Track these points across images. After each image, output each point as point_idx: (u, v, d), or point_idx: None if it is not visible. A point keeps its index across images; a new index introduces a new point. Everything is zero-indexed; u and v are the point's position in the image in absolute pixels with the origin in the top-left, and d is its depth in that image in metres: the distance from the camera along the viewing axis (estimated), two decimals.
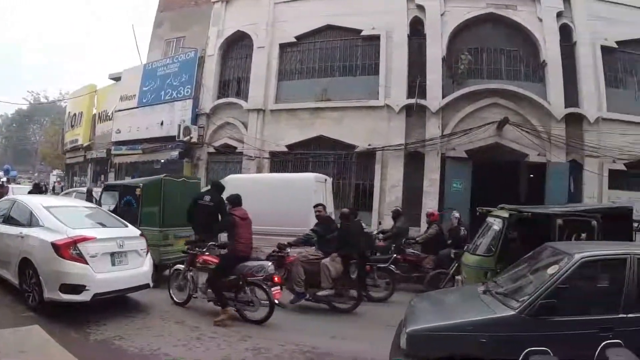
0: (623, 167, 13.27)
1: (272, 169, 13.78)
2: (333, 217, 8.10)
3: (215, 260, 6.44)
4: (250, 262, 6.27)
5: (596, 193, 12.96)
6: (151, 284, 6.34)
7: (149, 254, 6.44)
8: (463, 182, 12.64)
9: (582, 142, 13.04)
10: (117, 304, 6.07)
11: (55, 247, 5.42)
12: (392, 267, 7.98)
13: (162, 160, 15.93)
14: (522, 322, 3.74)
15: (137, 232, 6.52)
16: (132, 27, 39.28)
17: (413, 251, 9.01)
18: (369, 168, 13.07)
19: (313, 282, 6.73)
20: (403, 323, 4.25)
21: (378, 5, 13.58)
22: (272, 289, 5.96)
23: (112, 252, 5.83)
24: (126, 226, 6.57)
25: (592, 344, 3.35)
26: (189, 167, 15.29)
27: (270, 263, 6.34)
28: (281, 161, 13.86)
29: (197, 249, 6.74)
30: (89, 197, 11.40)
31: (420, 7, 13.47)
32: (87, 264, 5.46)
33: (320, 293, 6.72)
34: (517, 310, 3.80)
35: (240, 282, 6.10)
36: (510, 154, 12.94)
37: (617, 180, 13.28)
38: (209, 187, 8.80)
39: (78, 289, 5.36)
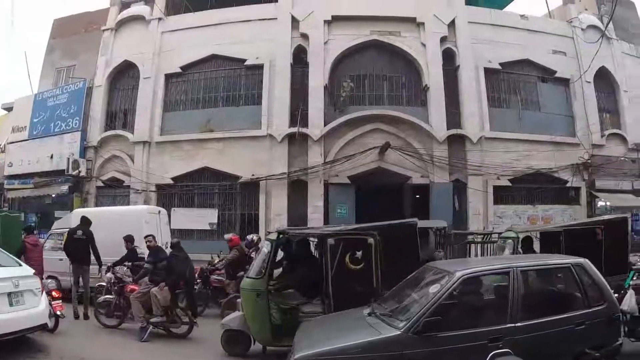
0: (508, 183, 13.74)
1: (159, 202, 13.35)
2: (168, 246, 8.49)
3: None
4: None
5: (481, 210, 13.32)
6: (49, 324, 6.38)
7: (44, 293, 6.40)
8: (347, 207, 12.70)
9: (466, 162, 13.39)
10: (18, 344, 6.06)
11: None
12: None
13: (53, 195, 15.24)
14: (409, 340, 3.89)
15: (31, 271, 6.45)
16: (24, 55, 37.10)
17: (217, 277, 9.08)
18: (254, 198, 12.92)
19: (147, 309, 7.19)
20: (292, 349, 4.31)
21: (262, 34, 13.61)
22: (54, 302, 6.64)
23: (8, 292, 5.70)
24: (20, 265, 6.53)
25: (481, 355, 3.53)
26: (79, 201, 14.64)
27: (50, 280, 7.22)
28: (168, 194, 13.48)
29: None
30: None
31: (304, 36, 13.55)
32: None
33: (153, 320, 7.11)
34: (402, 330, 3.95)
35: None
36: (393, 177, 13.12)
37: (502, 195, 13.82)
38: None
39: None
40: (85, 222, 8.70)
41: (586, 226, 7.57)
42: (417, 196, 13.37)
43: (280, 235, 6.36)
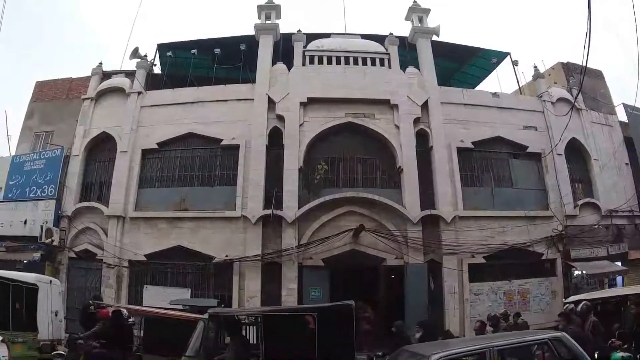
0: (483, 260, 13.77)
1: (131, 279, 13.26)
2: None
3: None
4: None
5: (457, 288, 13.35)
6: None
7: None
8: (321, 290, 12.70)
9: (440, 242, 13.49)
10: None
11: None
12: None
13: (25, 261, 14.96)
14: None
15: None
16: (4, 114, 36.57)
17: None
18: (227, 279, 12.81)
19: None
20: None
21: (239, 115, 13.86)
22: None
23: None
24: None
25: None
26: (51, 270, 14.42)
27: None
28: (140, 271, 13.36)
29: None
30: None
31: (280, 117, 13.81)
32: None
33: None
34: None
35: None
36: (368, 259, 13.17)
37: (477, 272, 13.76)
38: None
39: None
40: None
41: (294, 313, 7.02)
42: (393, 277, 13.45)
43: None
